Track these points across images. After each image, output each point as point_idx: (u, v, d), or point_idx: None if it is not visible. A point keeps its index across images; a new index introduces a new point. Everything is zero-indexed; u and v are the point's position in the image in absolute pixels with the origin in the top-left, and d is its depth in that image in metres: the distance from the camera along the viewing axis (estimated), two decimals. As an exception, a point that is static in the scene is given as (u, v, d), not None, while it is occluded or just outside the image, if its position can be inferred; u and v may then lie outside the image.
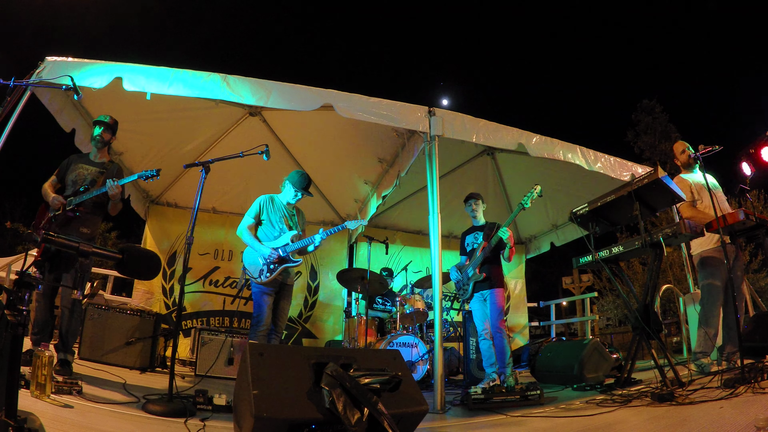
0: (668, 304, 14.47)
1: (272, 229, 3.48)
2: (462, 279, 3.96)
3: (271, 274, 3.33)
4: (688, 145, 3.77)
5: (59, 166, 3.25)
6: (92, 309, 3.99)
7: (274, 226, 3.49)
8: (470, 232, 4.10)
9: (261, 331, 3.28)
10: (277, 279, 3.36)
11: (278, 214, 3.54)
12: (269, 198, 3.59)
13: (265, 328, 3.30)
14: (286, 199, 3.61)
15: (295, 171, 3.65)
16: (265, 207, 3.54)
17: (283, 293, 3.46)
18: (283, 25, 48.67)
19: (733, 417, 1.93)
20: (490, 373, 3.73)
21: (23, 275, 1.28)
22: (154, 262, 1.76)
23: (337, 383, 1.61)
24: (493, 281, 3.79)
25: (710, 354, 3.42)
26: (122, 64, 3.15)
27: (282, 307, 3.45)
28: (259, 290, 3.34)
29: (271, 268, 3.34)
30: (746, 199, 12.40)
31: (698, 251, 3.63)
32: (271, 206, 3.55)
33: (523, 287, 7.32)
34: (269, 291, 3.34)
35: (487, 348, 3.76)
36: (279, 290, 3.42)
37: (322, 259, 6.47)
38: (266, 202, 3.56)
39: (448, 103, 20.40)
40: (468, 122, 3.69)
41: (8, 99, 2.87)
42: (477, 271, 3.81)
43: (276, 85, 3.32)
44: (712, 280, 3.46)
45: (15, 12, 20.66)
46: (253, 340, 3.25)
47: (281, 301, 3.44)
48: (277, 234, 3.47)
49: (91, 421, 1.96)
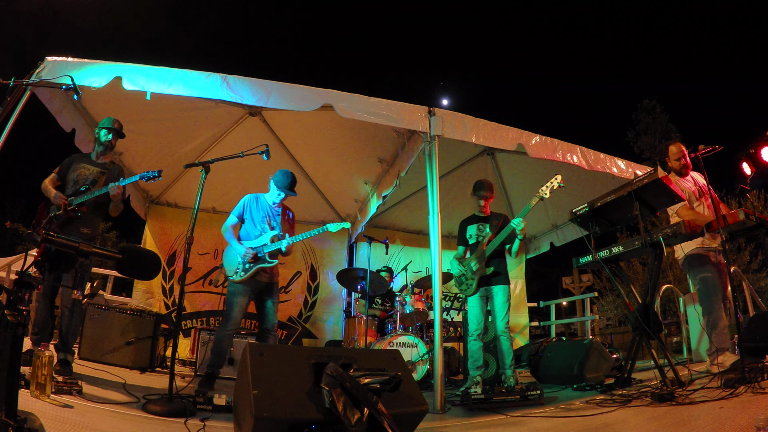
0: (668, 304, 14.48)
1: (254, 229, 3.44)
2: (465, 273, 3.71)
3: (245, 274, 3.29)
4: (686, 152, 3.67)
5: (60, 164, 3.25)
6: (92, 309, 3.99)
7: (256, 225, 3.44)
8: (472, 221, 3.82)
9: (228, 330, 3.27)
10: (255, 279, 3.32)
11: (261, 213, 3.48)
12: (254, 197, 3.55)
13: (233, 328, 3.29)
14: (272, 199, 3.54)
15: (279, 170, 3.55)
16: (248, 206, 3.50)
17: (268, 292, 3.41)
18: (283, 25, 48.69)
19: (733, 417, 1.92)
20: (475, 375, 3.55)
21: (23, 275, 1.28)
22: (154, 262, 1.75)
23: (337, 383, 1.61)
24: (500, 277, 3.59)
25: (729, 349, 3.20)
26: (122, 64, 3.15)
27: (268, 307, 3.39)
28: (233, 289, 3.31)
29: (246, 267, 3.31)
30: (746, 199, 12.40)
31: (683, 254, 3.56)
32: (255, 205, 3.51)
33: (523, 287, 7.31)
34: (244, 290, 3.29)
35: (476, 349, 3.59)
36: (263, 290, 3.39)
37: (322, 259, 6.47)
38: (250, 201, 3.52)
39: (448, 103, 20.44)
40: (468, 122, 3.69)
41: (8, 99, 2.87)
42: (483, 266, 3.60)
43: (276, 85, 3.32)
44: (705, 273, 3.40)
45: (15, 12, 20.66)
46: (219, 337, 3.27)
47: (266, 301, 3.40)
48: (258, 233, 3.43)
49: (91, 421, 1.96)
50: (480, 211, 3.83)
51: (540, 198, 3.43)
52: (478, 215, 3.84)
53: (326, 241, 6.55)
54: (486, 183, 3.84)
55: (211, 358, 3.30)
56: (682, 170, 3.71)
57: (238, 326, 3.33)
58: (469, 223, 3.84)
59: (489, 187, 3.82)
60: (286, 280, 6.20)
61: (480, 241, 3.67)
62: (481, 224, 3.75)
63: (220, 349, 3.27)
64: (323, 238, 6.51)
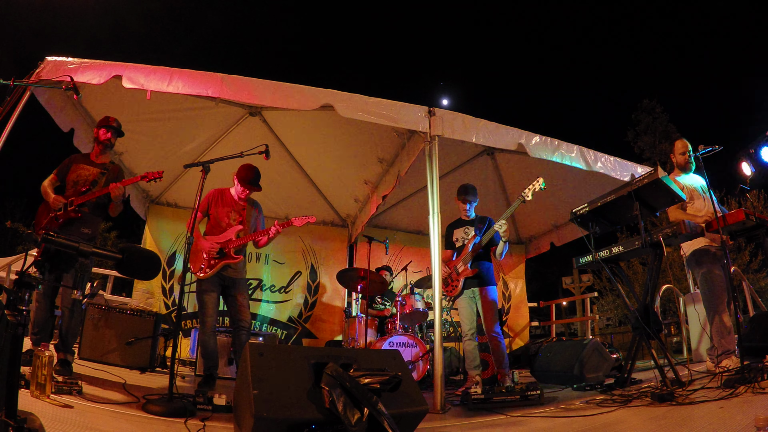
0: (668, 304, 14.48)
1: (218, 224, 3.39)
2: (450, 275, 3.80)
3: (210, 269, 3.25)
4: (689, 147, 3.70)
5: (60, 164, 3.24)
6: (92, 309, 3.99)
7: (221, 220, 3.40)
8: (458, 225, 3.95)
9: (207, 330, 3.21)
10: (222, 274, 3.28)
11: (226, 208, 3.44)
12: (219, 192, 3.50)
13: (211, 325, 3.22)
14: (236, 194, 3.50)
15: (242, 165, 3.48)
16: (213, 201, 3.44)
17: (236, 287, 3.36)
18: (283, 24, 48.69)
19: (733, 417, 1.92)
20: (473, 375, 3.60)
21: (23, 275, 1.28)
22: (154, 262, 1.76)
23: (337, 383, 1.61)
24: (484, 278, 3.68)
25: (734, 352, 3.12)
26: (122, 64, 3.15)
27: (239, 302, 3.34)
28: (201, 287, 3.26)
29: (211, 263, 3.27)
30: (746, 199, 12.41)
31: (690, 249, 3.53)
32: (220, 200, 3.45)
33: (523, 287, 7.31)
34: (210, 287, 3.25)
35: (471, 349, 3.65)
36: (229, 285, 3.33)
37: (322, 258, 6.47)
38: (214, 196, 3.46)
39: (448, 103, 20.42)
40: (468, 122, 3.69)
41: (8, 99, 2.87)
42: (468, 267, 3.69)
43: (276, 85, 3.32)
44: (712, 270, 3.34)
45: (15, 12, 20.66)
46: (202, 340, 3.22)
47: (237, 296, 3.34)
48: (223, 228, 3.38)
49: (91, 421, 1.96)
50: (465, 214, 3.94)
51: (522, 200, 3.58)
52: (463, 219, 3.97)
53: (326, 241, 6.55)
54: (469, 187, 3.97)
55: (204, 361, 3.27)
56: (686, 166, 3.71)
57: (215, 323, 3.27)
58: (456, 227, 3.97)
59: (471, 191, 3.94)
60: (287, 279, 6.21)
61: (465, 244, 3.78)
62: (467, 227, 3.88)
63: (208, 350, 3.23)
64: (323, 238, 6.53)
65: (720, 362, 3.15)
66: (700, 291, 3.54)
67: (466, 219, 3.94)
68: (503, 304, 7.09)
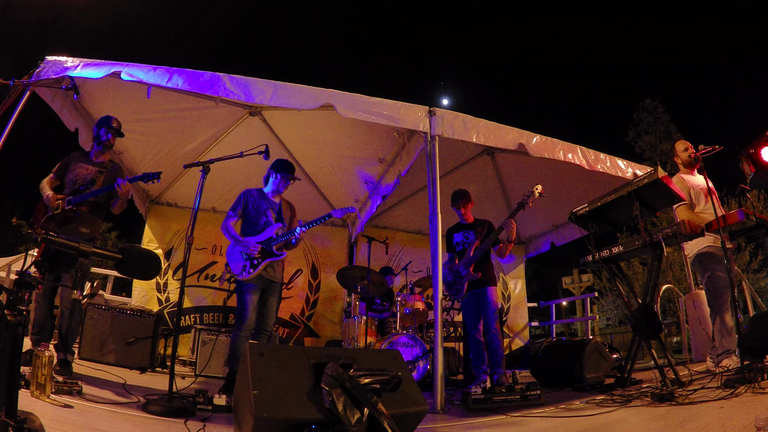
0: (668, 304, 14.48)
1: (255, 223, 3.35)
2: (454, 279, 3.88)
3: (254, 270, 3.19)
4: (690, 144, 3.71)
5: (59, 163, 3.24)
6: (92, 309, 4.00)
7: (258, 219, 3.35)
8: (458, 230, 4.03)
9: (244, 332, 3.12)
10: (262, 275, 3.23)
11: (262, 207, 3.39)
12: (252, 191, 3.46)
13: (249, 328, 3.15)
14: (270, 190, 3.46)
15: (277, 159, 3.50)
16: (247, 201, 3.40)
17: (271, 290, 3.30)
18: (283, 24, 48.68)
19: (733, 417, 1.92)
20: (481, 374, 3.68)
21: (23, 275, 1.28)
22: (155, 263, 1.75)
23: (337, 383, 1.61)
24: (487, 280, 3.77)
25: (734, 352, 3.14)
26: (122, 64, 3.15)
27: (269, 305, 3.28)
28: (243, 288, 3.19)
29: (254, 263, 3.21)
30: (746, 199, 12.40)
31: (694, 251, 3.53)
32: (254, 199, 3.42)
33: (523, 287, 7.31)
34: (254, 288, 3.20)
35: (478, 348, 3.74)
36: (266, 287, 3.28)
37: (323, 258, 6.49)
38: (248, 195, 3.42)
39: (448, 103, 20.48)
40: (468, 122, 3.69)
41: (8, 99, 2.87)
42: (471, 271, 3.75)
43: (276, 85, 3.32)
44: (717, 272, 3.33)
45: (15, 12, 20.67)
46: (234, 341, 3.14)
47: (269, 299, 3.28)
48: (261, 227, 3.33)
49: (91, 421, 1.96)
50: (462, 219, 4.04)
51: (521, 207, 3.73)
52: (462, 223, 4.06)
53: (327, 240, 6.57)
54: (460, 192, 4.06)
55: (230, 365, 3.16)
56: (692, 162, 3.65)
57: (253, 326, 3.19)
58: (455, 231, 4.06)
59: (463, 196, 4.03)
60: (288, 276, 6.21)
61: (466, 248, 3.88)
62: (466, 231, 3.96)
63: (237, 353, 3.07)
64: (324, 237, 6.55)
65: (720, 362, 3.16)
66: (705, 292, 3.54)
67: (465, 223, 4.03)
68: (503, 304, 7.09)
